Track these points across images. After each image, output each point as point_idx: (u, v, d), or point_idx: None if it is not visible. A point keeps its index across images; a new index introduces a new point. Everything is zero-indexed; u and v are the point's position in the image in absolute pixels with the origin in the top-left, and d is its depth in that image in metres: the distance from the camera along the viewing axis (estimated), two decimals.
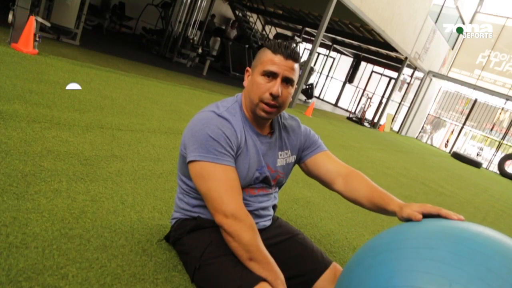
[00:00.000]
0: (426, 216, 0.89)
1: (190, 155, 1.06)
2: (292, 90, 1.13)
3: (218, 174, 1.03)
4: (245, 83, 1.18)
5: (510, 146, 14.99)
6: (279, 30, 16.98)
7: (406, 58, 12.03)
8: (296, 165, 1.36)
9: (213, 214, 1.05)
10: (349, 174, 1.22)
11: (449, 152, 14.74)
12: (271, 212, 1.31)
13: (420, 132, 16.73)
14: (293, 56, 1.09)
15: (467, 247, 0.69)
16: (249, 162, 1.14)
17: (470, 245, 0.69)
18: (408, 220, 0.91)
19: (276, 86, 1.07)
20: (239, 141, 1.11)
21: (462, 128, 16.04)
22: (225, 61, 10.65)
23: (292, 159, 1.29)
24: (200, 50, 9.18)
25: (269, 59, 1.09)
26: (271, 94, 1.08)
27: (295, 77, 1.12)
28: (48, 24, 4.70)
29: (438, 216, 0.87)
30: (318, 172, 1.28)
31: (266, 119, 1.15)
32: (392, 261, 0.73)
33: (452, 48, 15.38)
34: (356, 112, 13.64)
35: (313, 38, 10.09)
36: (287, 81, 1.10)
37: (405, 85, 15.66)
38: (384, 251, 0.77)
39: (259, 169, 1.17)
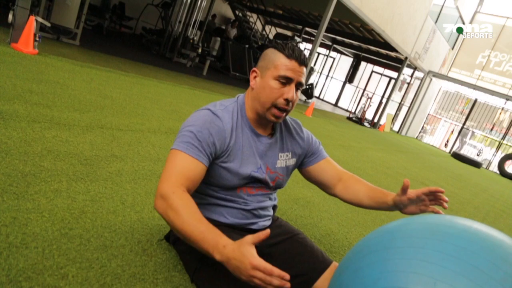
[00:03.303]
0: (419, 197, 1.11)
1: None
2: (299, 93, 1.15)
3: (177, 160, 1.02)
4: (252, 83, 1.16)
5: (510, 146, 14.99)
6: (279, 30, 16.98)
7: (406, 58, 12.03)
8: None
9: None
10: (349, 178, 1.32)
11: (449, 152, 14.74)
12: (270, 212, 1.31)
13: (420, 132, 16.73)
14: (306, 62, 1.12)
15: (453, 245, 0.69)
16: (241, 162, 1.14)
17: (456, 242, 0.69)
18: (403, 200, 1.13)
19: (291, 92, 1.09)
20: (228, 141, 1.11)
21: (462, 128, 16.05)
22: (225, 61, 10.65)
23: (292, 161, 1.30)
24: (200, 50, 9.18)
25: (283, 64, 1.09)
26: (285, 99, 1.09)
27: (304, 81, 1.14)
28: (48, 24, 4.70)
29: (429, 193, 1.10)
30: (320, 178, 1.34)
31: (274, 122, 1.17)
32: (378, 263, 0.73)
33: (452, 48, 15.38)
34: (356, 112, 13.64)
35: (313, 38, 10.09)
36: (298, 85, 1.12)
37: (405, 85, 15.66)
38: (371, 252, 0.77)
39: (256, 170, 1.17)
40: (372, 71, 17.76)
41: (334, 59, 18.77)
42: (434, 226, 0.76)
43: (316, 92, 17.87)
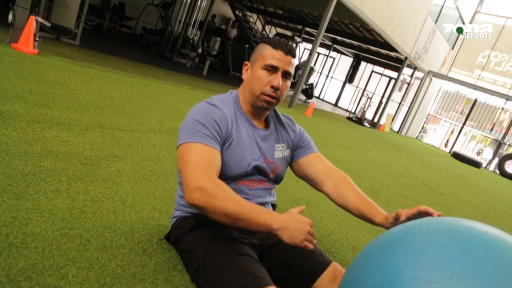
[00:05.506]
0: (411, 218, 1.06)
1: (178, 142, 1.10)
2: (289, 83, 1.20)
3: (195, 151, 1.05)
4: (244, 76, 1.23)
5: (510, 146, 14.98)
6: (279, 30, 16.97)
7: (406, 58, 12.02)
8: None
9: (184, 193, 1.02)
10: (338, 179, 1.30)
11: (449, 152, 14.74)
12: (270, 209, 1.31)
13: (420, 132, 16.73)
14: (292, 52, 1.17)
15: (476, 244, 0.70)
16: (243, 150, 1.17)
17: (478, 242, 0.71)
18: (394, 224, 1.08)
19: (277, 79, 1.14)
20: (229, 128, 1.15)
21: (462, 128, 16.04)
22: (225, 61, 10.64)
23: (287, 152, 1.33)
24: (200, 50, 9.19)
25: (270, 54, 1.15)
26: (272, 87, 1.14)
27: (293, 71, 1.20)
28: (48, 24, 4.70)
29: (418, 214, 1.05)
30: (309, 172, 1.34)
31: (266, 110, 1.22)
32: (401, 256, 0.75)
33: (452, 48, 15.37)
34: (356, 112, 13.64)
35: (313, 38, 10.09)
36: (286, 75, 1.17)
37: (405, 85, 15.66)
38: (394, 246, 0.79)
39: (256, 159, 1.20)
40: (372, 71, 17.75)
41: (334, 59, 18.76)
42: (455, 226, 0.79)
43: (316, 92, 17.86)
